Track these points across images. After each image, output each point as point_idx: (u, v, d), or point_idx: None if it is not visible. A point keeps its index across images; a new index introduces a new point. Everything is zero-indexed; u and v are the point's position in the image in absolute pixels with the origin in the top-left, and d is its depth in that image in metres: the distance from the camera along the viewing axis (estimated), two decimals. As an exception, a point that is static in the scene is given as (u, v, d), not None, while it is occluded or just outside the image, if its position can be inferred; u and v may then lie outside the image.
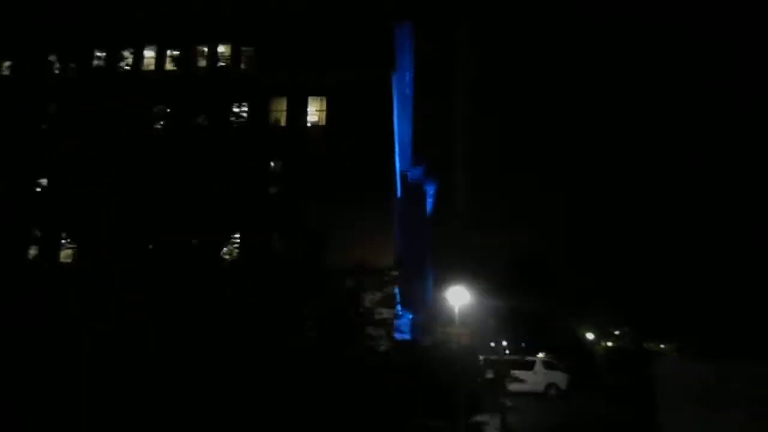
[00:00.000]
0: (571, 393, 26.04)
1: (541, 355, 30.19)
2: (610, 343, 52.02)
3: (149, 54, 31.03)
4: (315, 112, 29.50)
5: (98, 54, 31.48)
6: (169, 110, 30.07)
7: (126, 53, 31.15)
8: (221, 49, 30.84)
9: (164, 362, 15.14)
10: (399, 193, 52.79)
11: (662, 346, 48.34)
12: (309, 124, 29.28)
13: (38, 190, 28.89)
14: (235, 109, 29.82)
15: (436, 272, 79.67)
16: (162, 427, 13.38)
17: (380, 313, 25.88)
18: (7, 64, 32.14)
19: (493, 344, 25.23)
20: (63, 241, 27.21)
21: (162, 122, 30.07)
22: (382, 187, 27.82)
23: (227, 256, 26.67)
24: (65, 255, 26.10)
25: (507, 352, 70.62)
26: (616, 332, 54.20)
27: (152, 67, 30.83)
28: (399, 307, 36.65)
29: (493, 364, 26.78)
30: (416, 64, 40.14)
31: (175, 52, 30.81)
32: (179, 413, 14.18)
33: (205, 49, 30.61)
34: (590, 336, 50.44)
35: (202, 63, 30.80)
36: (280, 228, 26.66)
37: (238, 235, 27.79)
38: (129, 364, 15.75)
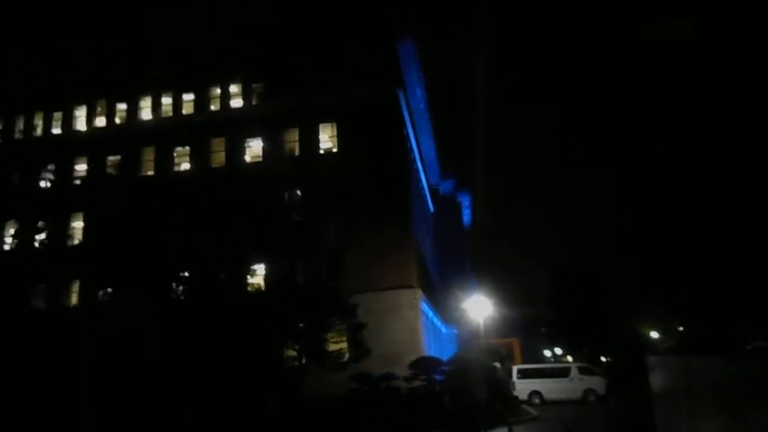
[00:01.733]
0: (613, 397, 25.10)
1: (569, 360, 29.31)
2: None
3: (166, 101, 32.39)
4: (327, 139, 30.01)
5: (120, 107, 33.14)
6: (189, 153, 31.35)
7: (143, 102, 32.62)
8: (233, 89, 31.88)
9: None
10: (432, 208, 52.76)
11: None
12: (322, 151, 29.76)
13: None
14: (250, 144, 30.76)
15: (479, 283, 78.77)
16: None
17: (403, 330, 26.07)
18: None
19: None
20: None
21: (183, 166, 31.41)
22: (399, 207, 27.87)
23: (253, 285, 27.42)
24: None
25: (556, 359, 68.79)
26: (680, 329, 51.84)
27: (170, 114, 32.13)
28: (436, 321, 36.45)
29: (524, 373, 26.25)
30: (427, 78, 40.42)
31: (190, 96, 32.03)
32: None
33: (219, 90, 31.71)
34: (654, 335, 48.77)
35: (215, 105, 31.85)
36: (300, 255, 27.23)
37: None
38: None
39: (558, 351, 71.13)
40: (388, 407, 17.33)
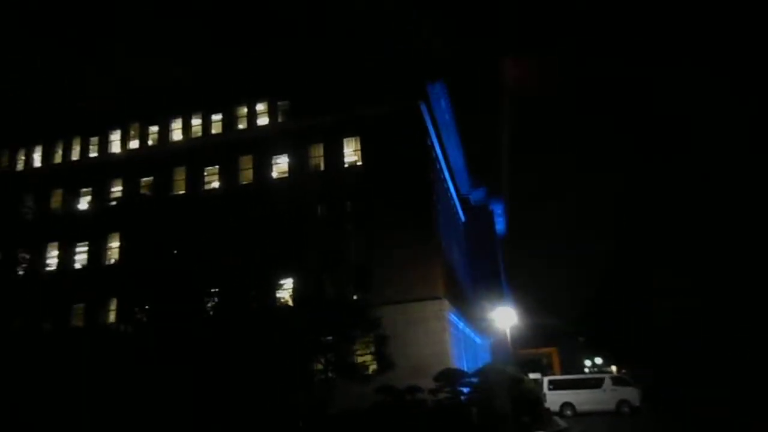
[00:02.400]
0: (648, 409, 24.46)
1: (612, 368, 28.63)
2: None
3: (196, 122, 33.37)
4: (351, 153, 30.36)
5: (152, 129, 34.28)
6: (218, 172, 32.14)
7: (173, 124, 33.64)
8: (260, 107, 32.62)
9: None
10: (463, 218, 52.54)
11: None
12: (346, 165, 30.10)
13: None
14: (277, 160, 31.36)
15: (514, 292, 77.77)
16: None
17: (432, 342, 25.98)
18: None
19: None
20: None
21: (213, 185, 32.22)
22: (424, 218, 27.95)
23: (280, 300, 27.79)
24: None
25: (599, 369, 67.12)
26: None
27: (200, 134, 33.07)
28: (468, 332, 36.14)
29: (556, 384, 25.79)
30: (450, 89, 40.47)
31: (218, 116, 32.90)
32: None
33: (245, 109, 32.49)
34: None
35: (243, 124, 32.61)
36: (327, 269, 27.49)
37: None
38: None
39: (598, 360, 69.63)
40: (412, 420, 17.30)
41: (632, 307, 47.08)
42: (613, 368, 60.07)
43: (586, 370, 67.00)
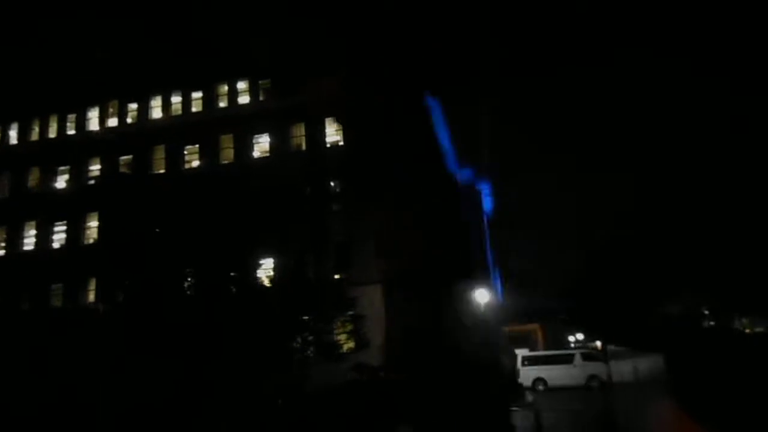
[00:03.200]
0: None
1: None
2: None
3: (176, 100, 32.90)
4: (333, 132, 30.14)
5: (131, 107, 33.77)
6: (199, 150, 31.83)
7: (153, 101, 33.16)
8: (241, 85, 32.19)
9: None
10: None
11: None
12: (329, 145, 29.90)
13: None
14: (259, 140, 31.08)
15: (503, 271, 78.23)
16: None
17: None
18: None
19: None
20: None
21: (194, 164, 31.93)
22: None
23: (261, 279, 27.78)
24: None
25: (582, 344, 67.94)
26: (706, 311, 50.79)
27: (179, 112, 32.63)
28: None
29: (529, 360, 26.16)
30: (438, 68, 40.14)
31: (198, 94, 32.45)
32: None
33: (226, 87, 32.07)
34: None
35: (223, 102, 32.22)
36: (308, 248, 27.47)
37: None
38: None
39: (581, 336, 70.48)
40: (384, 395, 17.49)
41: (615, 286, 47.42)
42: (598, 344, 60.87)
43: (572, 345, 67.84)
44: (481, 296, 22.54)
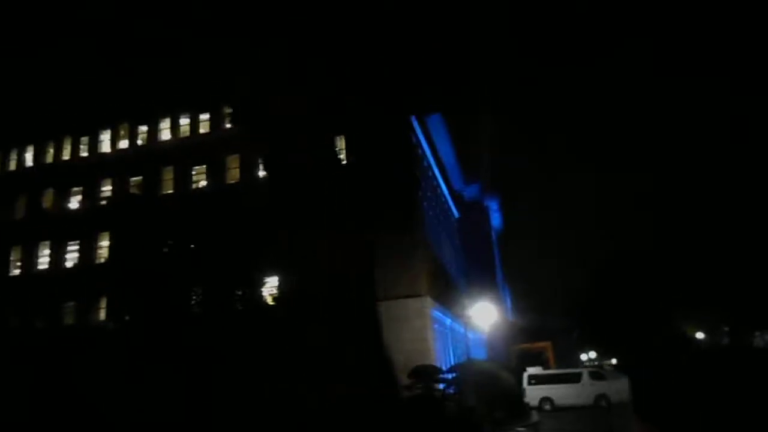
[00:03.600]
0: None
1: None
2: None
3: (184, 122, 33.65)
4: (337, 150, 30.61)
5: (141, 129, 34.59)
6: (206, 171, 32.49)
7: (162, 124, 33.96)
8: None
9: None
10: (456, 214, 52.78)
11: None
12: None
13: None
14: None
15: (511, 287, 77.76)
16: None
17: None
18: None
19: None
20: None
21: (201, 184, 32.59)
22: (407, 215, 28.25)
23: (266, 297, 28.21)
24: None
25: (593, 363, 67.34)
26: (726, 329, 50.04)
27: (188, 134, 33.40)
28: (459, 328, 36.47)
29: (536, 379, 26.14)
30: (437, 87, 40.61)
31: (206, 116, 33.20)
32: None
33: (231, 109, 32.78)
34: (700, 335, 47.26)
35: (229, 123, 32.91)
36: (312, 266, 27.84)
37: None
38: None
39: (593, 355, 69.87)
40: (386, 413, 17.73)
41: (627, 303, 47.12)
42: (614, 361, 60.28)
43: (585, 364, 67.24)
44: (486, 315, 22.59)
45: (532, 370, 28.17)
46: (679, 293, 46.81)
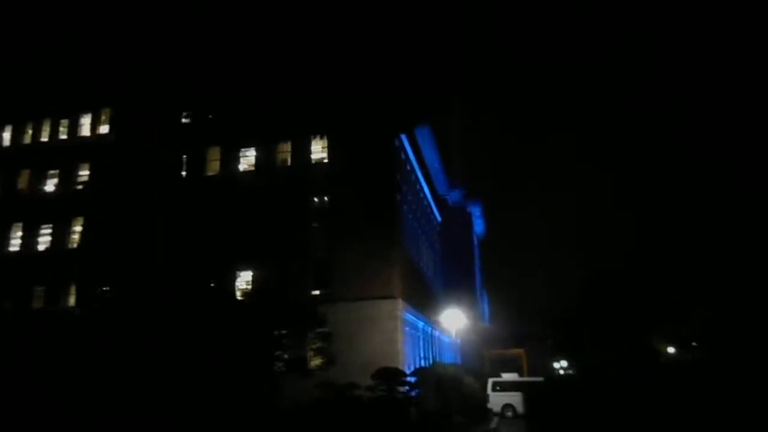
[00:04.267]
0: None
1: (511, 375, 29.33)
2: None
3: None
4: (319, 150, 30.63)
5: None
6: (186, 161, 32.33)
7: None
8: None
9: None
10: (439, 218, 52.93)
11: None
12: (314, 162, 30.37)
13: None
14: (246, 153, 31.57)
15: (490, 293, 78.12)
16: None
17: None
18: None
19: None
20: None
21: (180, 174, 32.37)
22: (384, 217, 28.31)
23: (239, 291, 28.10)
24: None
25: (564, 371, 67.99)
26: (693, 344, 50.92)
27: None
28: (432, 331, 36.59)
29: (499, 386, 26.36)
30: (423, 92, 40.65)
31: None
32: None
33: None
34: (671, 350, 48.11)
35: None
36: (288, 263, 27.85)
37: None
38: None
39: (564, 363, 70.53)
40: (349, 415, 17.72)
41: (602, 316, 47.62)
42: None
43: (560, 372, 67.81)
44: (455, 321, 22.71)
45: (507, 376, 28.49)
46: (655, 309, 47.47)
